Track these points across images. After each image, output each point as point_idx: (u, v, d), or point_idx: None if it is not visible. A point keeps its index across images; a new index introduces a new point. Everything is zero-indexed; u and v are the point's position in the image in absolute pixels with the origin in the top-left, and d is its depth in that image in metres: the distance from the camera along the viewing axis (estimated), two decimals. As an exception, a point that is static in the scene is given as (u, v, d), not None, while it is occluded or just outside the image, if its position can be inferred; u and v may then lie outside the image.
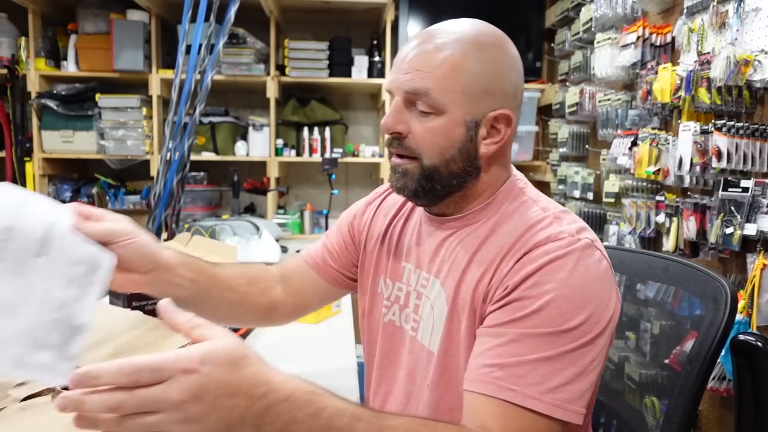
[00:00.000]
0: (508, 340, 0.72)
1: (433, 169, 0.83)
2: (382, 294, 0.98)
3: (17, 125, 3.01)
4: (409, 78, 0.80)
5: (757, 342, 0.94)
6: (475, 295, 0.81)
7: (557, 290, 0.73)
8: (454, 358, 0.83)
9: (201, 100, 2.40)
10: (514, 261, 0.77)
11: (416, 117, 0.82)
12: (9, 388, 0.72)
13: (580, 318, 0.72)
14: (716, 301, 0.92)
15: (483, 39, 0.83)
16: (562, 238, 0.77)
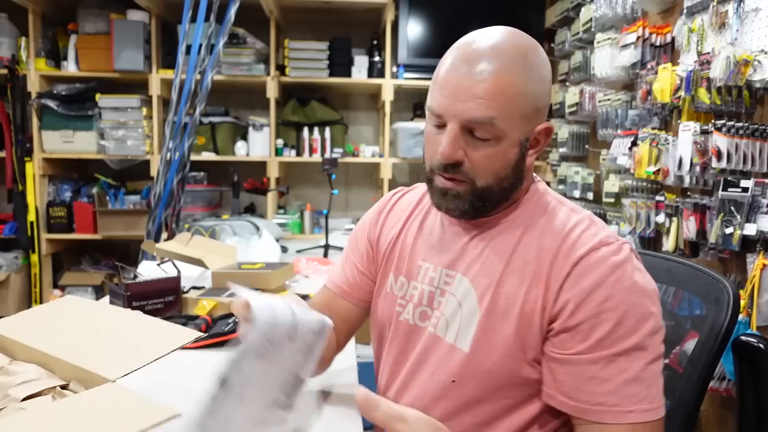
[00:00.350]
0: (606, 363, 0.76)
1: (487, 190, 0.83)
2: (392, 293, 0.98)
3: (17, 125, 3.01)
4: (471, 107, 0.78)
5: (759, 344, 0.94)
6: (528, 300, 0.82)
7: (628, 299, 0.77)
8: (488, 358, 0.84)
9: (201, 100, 2.41)
10: (570, 265, 0.80)
11: (473, 143, 0.81)
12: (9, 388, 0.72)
13: (652, 320, 0.78)
14: (718, 302, 0.92)
15: (531, 57, 0.82)
16: (611, 243, 0.81)
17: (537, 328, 0.82)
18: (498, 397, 0.85)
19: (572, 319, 0.78)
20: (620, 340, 0.76)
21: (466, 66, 0.80)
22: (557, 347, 0.80)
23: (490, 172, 0.82)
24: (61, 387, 0.72)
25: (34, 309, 0.90)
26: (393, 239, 1.01)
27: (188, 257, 1.68)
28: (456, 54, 0.82)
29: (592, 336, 0.77)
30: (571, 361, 0.78)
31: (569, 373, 0.79)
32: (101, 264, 3.38)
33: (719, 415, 1.70)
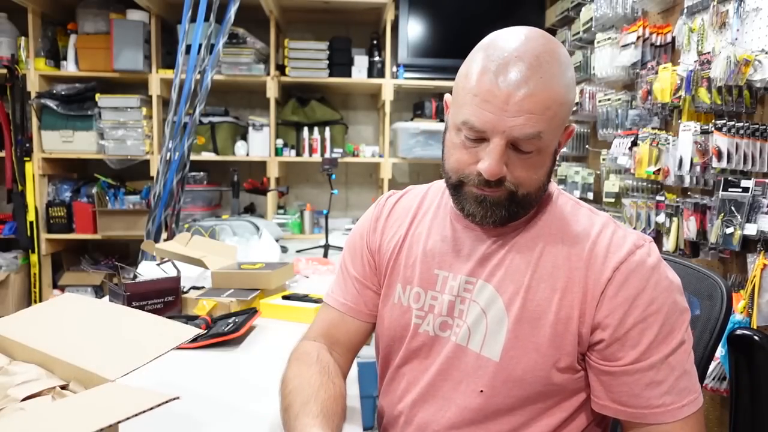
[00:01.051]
0: (660, 366, 0.78)
1: (526, 197, 0.82)
2: (401, 304, 0.94)
3: (17, 125, 3.01)
4: (520, 123, 0.75)
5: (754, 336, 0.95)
6: (563, 305, 0.81)
7: (668, 299, 0.79)
8: (519, 365, 0.83)
9: (201, 100, 2.40)
10: (611, 270, 0.79)
11: (516, 156, 0.79)
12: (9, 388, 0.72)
13: (687, 314, 0.81)
14: (712, 298, 0.93)
15: (565, 61, 0.79)
16: (642, 245, 0.82)
17: (573, 335, 0.81)
18: (527, 405, 0.84)
19: (621, 327, 0.78)
20: (667, 339, 0.78)
21: (507, 75, 0.75)
22: (608, 359, 0.80)
23: (532, 182, 0.81)
24: (61, 387, 0.72)
25: (34, 308, 0.90)
26: (397, 247, 0.96)
27: (188, 257, 1.68)
28: (490, 61, 0.76)
29: (643, 341, 0.78)
30: (628, 371, 0.79)
31: (625, 383, 0.79)
32: (101, 264, 3.38)
33: (719, 415, 1.70)
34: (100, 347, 0.76)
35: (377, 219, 1.01)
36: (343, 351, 0.99)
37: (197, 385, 1.05)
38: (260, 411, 0.95)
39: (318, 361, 0.91)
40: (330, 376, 0.88)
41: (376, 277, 0.99)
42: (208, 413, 0.94)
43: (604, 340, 0.79)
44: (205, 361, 1.17)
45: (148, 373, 0.73)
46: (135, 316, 0.85)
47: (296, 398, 0.82)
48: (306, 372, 0.88)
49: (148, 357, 0.72)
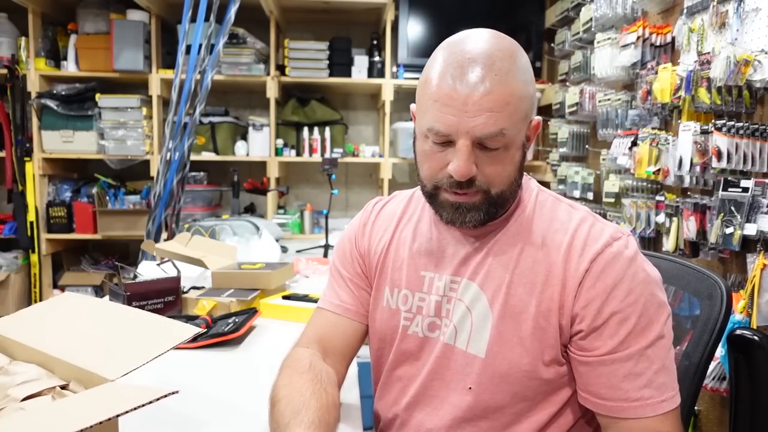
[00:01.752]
0: (638, 358, 0.79)
1: (501, 196, 0.83)
2: (389, 307, 0.95)
3: (17, 125, 3.01)
4: (481, 122, 0.77)
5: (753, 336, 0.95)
6: (543, 299, 0.82)
7: (645, 291, 0.80)
8: (505, 360, 0.84)
9: (201, 100, 2.41)
10: (588, 261, 0.81)
11: (483, 154, 0.80)
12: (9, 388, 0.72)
13: (666, 307, 0.82)
14: (711, 298, 0.93)
15: (521, 57, 0.81)
16: (620, 237, 0.82)
17: (555, 327, 0.82)
18: (516, 401, 0.85)
19: (599, 317, 0.79)
20: (645, 332, 0.78)
21: (465, 78, 0.77)
22: (586, 350, 0.81)
23: (503, 179, 0.82)
24: (61, 387, 0.72)
25: (34, 307, 0.90)
26: (383, 251, 0.98)
27: (188, 257, 1.68)
28: (447, 65, 0.79)
29: (620, 332, 0.78)
30: (604, 362, 0.79)
31: (603, 374, 0.80)
32: (101, 264, 3.38)
33: (719, 415, 1.70)
34: (100, 347, 0.76)
35: (365, 224, 1.02)
36: (338, 357, 0.97)
37: (197, 384, 1.05)
38: (260, 411, 0.95)
39: (311, 369, 0.88)
40: (323, 384, 0.85)
41: (367, 279, 1.00)
42: (208, 413, 0.94)
43: (582, 331, 0.81)
44: (205, 361, 1.17)
45: (148, 372, 0.73)
46: (135, 316, 0.85)
47: (287, 408, 0.79)
48: (298, 380, 0.85)
49: (148, 356, 0.72)
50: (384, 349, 0.97)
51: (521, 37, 3.26)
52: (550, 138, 3.09)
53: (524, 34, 3.26)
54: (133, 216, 3.13)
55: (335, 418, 0.81)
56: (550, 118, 3.09)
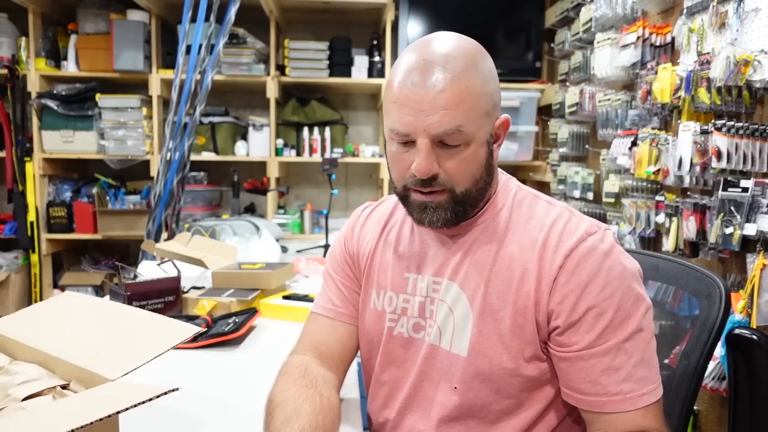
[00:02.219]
0: (616, 351, 0.79)
1: (466, 194, 0.84)
2: (375, 309, 0.96)
3: (17, 125, 3.01)
4: (437, 120, 0.78)
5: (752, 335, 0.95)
6: (519, 296, 0.83)
7: (622, 285, 0.80)
8: (487, 359, 0.84)
9: (201, 100, 2.41)
10: (562, 257, 0.81)
11: (445, 152, 0.81)
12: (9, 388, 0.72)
13: (644, 300, 0.81)
14: (710, 298, 0.93)
15: (479, 57, 0.83)
16: (594, 231, 0.82)
17: (532, 324, 0.82)
18: (500, 399, 0.85)
19: (575, 312, 0.79)
20: (623, 325, 0.78)
21: (420, 79, 0.79)
22: (564, 345, 0.81)
23: (467, 176, 0.83)
24: (62, 387, 0.73)
25: (34, 306, 0.90)
26: (370, 254, 0.99)
27: (188, 257, 1.68)
28: (406, 67, 0.81)
29: (597, 326, 0.79)
30: (583, 356, 0.79)
31: (582, 369, 0.80)
32: (101, 264, 3.38)
33: (719, 415, 1.70)
34: (101, 346, 0.76)
35: (353, 228, 1.04)
36: (335, 361, 0.97)
37: (197, 384, 1.05)
38: (260, 411, 0.95)
39: (305, 375, 0.88)
40: (317, 388, 0.85)
41: (358, 282, 1.01)
42: (208, 413, 0.94)
43: (559, 327, 0.81)
44: (205, 361, 1.18)
45: (148, 372, 0.73)
46: (135, 315, 0.85)
47: (279, 416, 0.79)
48: (291, 387, 0.85)
49: (149, 356, 0.72)
50: (372, 351, 0.97)
51: (521, 37, 3.26)
52: (550, 138, 3.09)
53: (524, 34, 3.26)
54: (133, 216, 3.13)
55: (332, 421, 0.81)
56: (550, 118, 3.09)
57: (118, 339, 0.79)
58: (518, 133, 3.22)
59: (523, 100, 3.16)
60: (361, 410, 0.99)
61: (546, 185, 3.15)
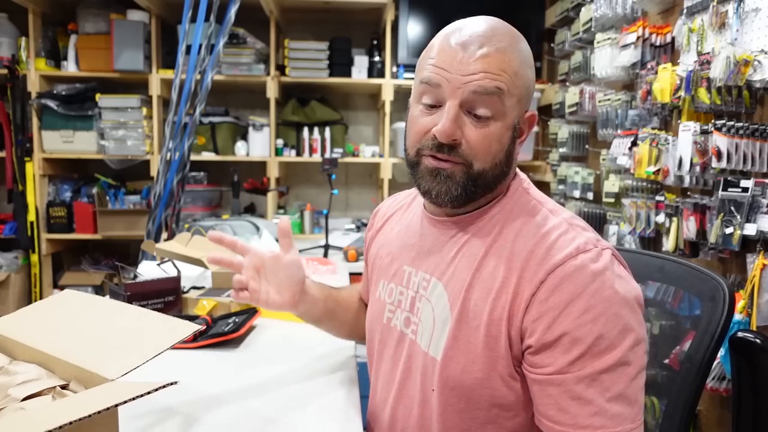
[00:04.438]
0: (590, 382, 0.72)
1: (482, 174, 0.80)
2: (381, 299, 0.98)
3: (17, 125, 3.01)
4: (476, 78, 0.76)
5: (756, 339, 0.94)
6: (496, 306, 0.78)
7: (608, 310, 0.72)
8: (459, 365, 0.81)
9: (201, 100, 2.40)
10: (545, 272, 0.75)
11: (471, 123, 0.78)
12: (9, 388, 0.72)
13: (634, 332, 0.73)
14: (714, 300, 0.92)
15: (523, 43, 0.82)
16: (589, 249, 0.75)
17: (505, 337, 0.77)
18: (471, 408, 0.82)
19: (550, 333, 0.73)
20: (602, 355, 0.71)
21: (465, 43, 0.78)
22: (536, 366, 0.76)
23: (487, 154, 0.79)
24: (62, 387, 0.72)
25: (34, 305, 0.90)
26: (380, 245, 1.03)
27: (188, 257, 1.68)
28: (449, 33, 0.81)
29: (573, 351, 0.72)
30: (553, 381, 0.73)
31: (551, 395, 0.74)
32: (101, 264, 3.38)
33: (719, 415, 1.70)
34: (100, 346, 0.76)
35: (374, 216, 1.11)
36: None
37: (197, 384, 1.05)
38: (260, 410, 0.95)
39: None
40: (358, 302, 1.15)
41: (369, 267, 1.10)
42: (208, 413, 0.94)
43: (532, 346, 0.75)
44: (205, 361, 1.17)
45: (148, 372, 0.73)
46: (134, 313, 0.85)
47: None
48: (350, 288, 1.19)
49: (148, 355, 0.72)
50: (373, 340, 0.99)
51: (521, 37, 3.26)
52: (550, 138, 3.09)
53: (524, 34, 3.23)
54: (133, 216, 3.13)
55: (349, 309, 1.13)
56: (550, 118, 3.09)
57: (117, 338, 0.78)
58: (518, 133, 3.21)
59: (523, 100, 3.15)
60: (362, 409, 0.99)
61: (546, 185, 3.15)
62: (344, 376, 1.11)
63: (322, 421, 0.93)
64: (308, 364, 1.16)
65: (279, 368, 1.13)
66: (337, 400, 1.01)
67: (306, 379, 1.08)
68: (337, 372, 1.12)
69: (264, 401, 0.98)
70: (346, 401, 1.00)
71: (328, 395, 1.02)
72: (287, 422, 0.92)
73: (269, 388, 1.04)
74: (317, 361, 1.18)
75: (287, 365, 1.15)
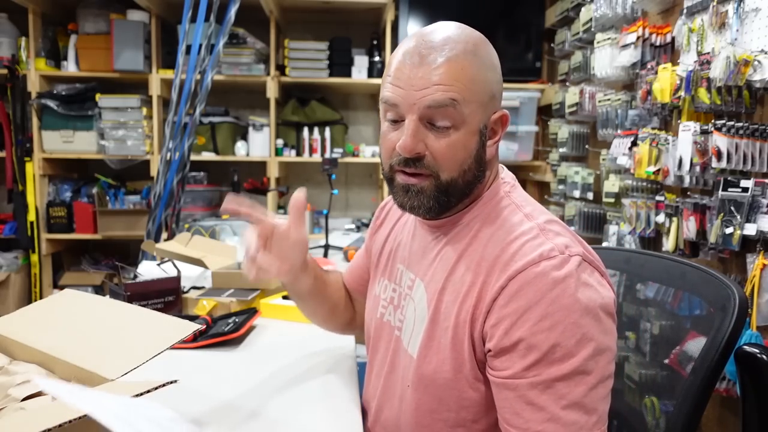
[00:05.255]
0: (544, 389, 0.72)
1: (451, 183, 0.81)
2: (377, 295, 1.01)
3: (17, 125, 3.01)
4: (428, 93, 0.77)
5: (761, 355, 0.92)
6: (462, 310, 0.80)
7: (566, 319, 0.71)
8: (431, 365, 0.83)
9: (201, 100, 2.41)
10: (506, 279, 0.75)
11: (433, 134, 0.79)
12: (9, 388, 0.72)
13: (594, 341, 0.72)
14: (724, 309, 0.90)
15: (481, 46, 0.82)
16: (553, 256, 0.74)
17: (468, 340, 0.79)
18: (442, 409, 0.83)
19: (507, 338, 0.74)
20: (558, 362, 0.71)
21: (418, 57, 0.78)
22: (495, 369, 0.77)
23: (453, 163, 0.80)
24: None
25: (33, 305, 0.90)
26: (383, 242, 1.05)
27: (188, 257, 1.68)
28: (405, 49, 0.81)
29: (529, 357, 0.72)
30: (508, 385, 0.74)
31: (507, 398, 0.75)
32: (101, 264, 3.38)
33: (719, 415, 1.70)
34: (100, 345, 0.76)
35: (381, 211, 1.12)
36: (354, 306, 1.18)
37: (197, 384, 1.05)
38: (260, 410, 0.95)
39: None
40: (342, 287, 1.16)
41: (369, 258, 1.10)
42: (208, 412, 0.94)
43: (491, 350, 0.76)
44: (205, 361, 1.17)
45: (148, 372, 0.73)
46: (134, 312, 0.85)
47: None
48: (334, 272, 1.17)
49: (148, 355, 0.72)
50: (369, 335, 1.03)
51: (521, 37, 3.26)
52: (550, 138, 3.09)
53: (524, 34, 3.26)
54: (133, 216, 3.13)
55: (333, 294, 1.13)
56: (550, 118, 3.09)
57: (117, 337, 0.79)
58: (518, 133, 3.22)
59: (523, 100, 3.16)
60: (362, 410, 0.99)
61: (546, 185, 3.15)
62: (344, 376, 1.11)
63: (322, 420, 0.93)
64: (308, 364, 1.17)
65: (279, 368, 1.13)
66: (337, 400, 1.01)
67: (306, 379, 1.08)
68: (337, 372, 1.12)
69: (264, 401, 0.98)
70: (346, 401, 1.00)
71: (328, 395, 1.03)
72: (287, 422, 0.92)
73: (269, 388, 1.04)
74: (317, 361, 1.18)
75: (287, 365, 1.15)
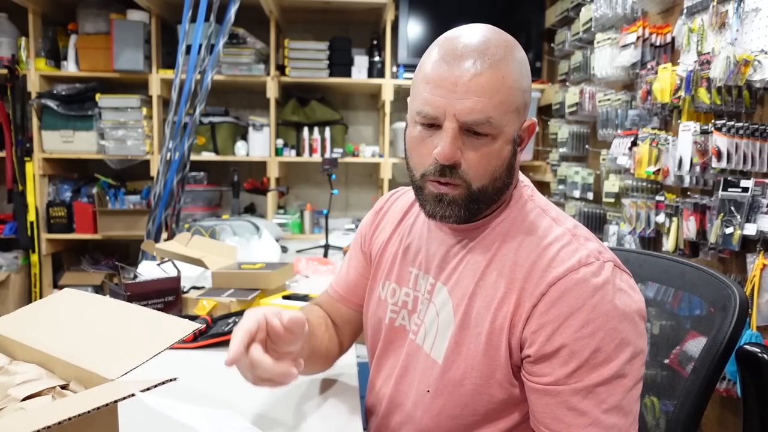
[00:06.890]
0: (586, 394, 0.73)
1: (482, 191, 0.80)
2: (382, 299, 0.98)
3: (17, 125, 3.01)
4: (468, 106, 0.75)
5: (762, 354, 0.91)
6: (498, 316, 0.80)
7: (606, 325, 0.73)
8: (459, 371, 0.83)
9: (201, 100, 2.41)
10: (546, 285, 0.76)
11: (470, 142, 0.78)
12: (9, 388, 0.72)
13: (631, 345, 0.74)
14: (725, 309, 0.90)
15: (517, 52, 0.80)
16: (590, 263, 0.76)
17: (505, 347, 0.79)
18: (467, 413, 0.84)
19: (549, 345, 0.75)
20: (599, 367, 0.73)
21: (457, 62, 0.76)
22: (534, 375, 0.77)
23: (487, 172, 0.79)
24: (61, 387, 0.72)
25: (33, 305, 0.90)
26: (384, 243, 1.01)
27: (188, 257, 1.68)
28: (442, 51, 0.79)
29: (571, 363, 0.74)
30: (549, 392, 0.75)
31: (548, 404, 0.76)
32: (101, 264, 3.38)
33: (719, 415, 1.70)
34: (100, 345, 0.76)
35: (377, 212, 1.07)
36: (338, 330, 1.08)
37: (197, 384, 1.05)
38: (260, 410, 0.95)
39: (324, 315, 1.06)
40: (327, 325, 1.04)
41: (368, 264, 1.06)
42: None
43: (531, 356, 0.77)
44: (205, 361, 1.17)
45: (148, 372, 0.73)
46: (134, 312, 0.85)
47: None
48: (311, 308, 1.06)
49: (148, 354, 0.72)
50: (376, 338, 1.00)
51: (521, 37, 3.26)
52: (550, 138, 3.09)
53: (524, 34, 3.26)
54: (133, 216, 3.13)
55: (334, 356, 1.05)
56: (550, 118, 3.09)
57: (117, 337, 0.78)
58: (518, 133, 3.21)
59: (523, 100, 3.16)
60: (362, 409, 0.99)
61: (546, 185, 3.14)
62: (344, 376, 1.11)
63: (322, 420, 0.93)
64: (308, 364, 1.16)
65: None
66: (337, 400, 1.01)
67: (306, 379, 1.08)
68: (336, 372, 1.12)
69: (264, 401, 0.98)
70: (346, 401, 1.00)
71: (328, 395, 1.02)
72: (287, 422, 0.92)
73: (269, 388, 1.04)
74: (317, 361, 1.18)
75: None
